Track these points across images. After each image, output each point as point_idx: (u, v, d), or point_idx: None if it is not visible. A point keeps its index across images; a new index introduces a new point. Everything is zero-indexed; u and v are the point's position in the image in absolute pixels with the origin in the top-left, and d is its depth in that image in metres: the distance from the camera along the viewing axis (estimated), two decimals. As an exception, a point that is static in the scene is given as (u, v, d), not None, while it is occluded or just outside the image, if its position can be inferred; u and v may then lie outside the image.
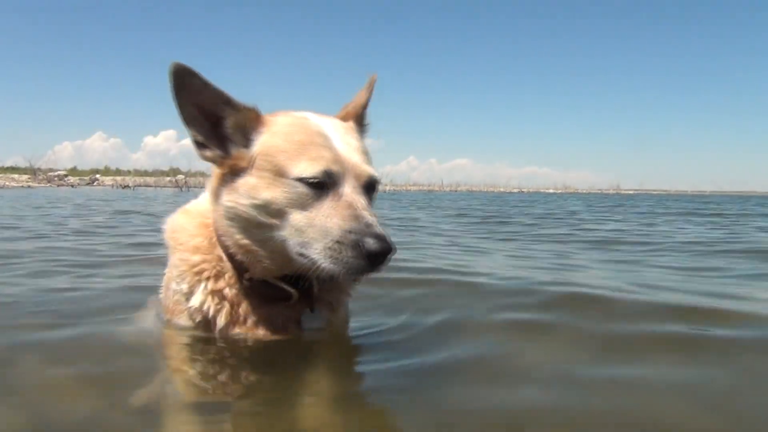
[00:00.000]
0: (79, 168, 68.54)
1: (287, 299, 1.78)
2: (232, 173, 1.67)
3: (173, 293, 1.88)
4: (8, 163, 58.42)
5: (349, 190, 1.61)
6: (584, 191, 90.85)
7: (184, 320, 1.86)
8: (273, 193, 1.59)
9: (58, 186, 38.25)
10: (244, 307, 1.78)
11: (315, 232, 1.56)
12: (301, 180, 1.58)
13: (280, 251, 1.64)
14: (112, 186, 42.30)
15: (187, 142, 1.73)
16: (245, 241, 1.68)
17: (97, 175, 55.10)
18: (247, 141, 1.67)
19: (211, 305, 1.76)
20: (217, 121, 1.68)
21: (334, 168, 1.60)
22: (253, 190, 1.62)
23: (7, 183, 35.99)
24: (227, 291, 1.76)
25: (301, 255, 1.58)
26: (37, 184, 38.41)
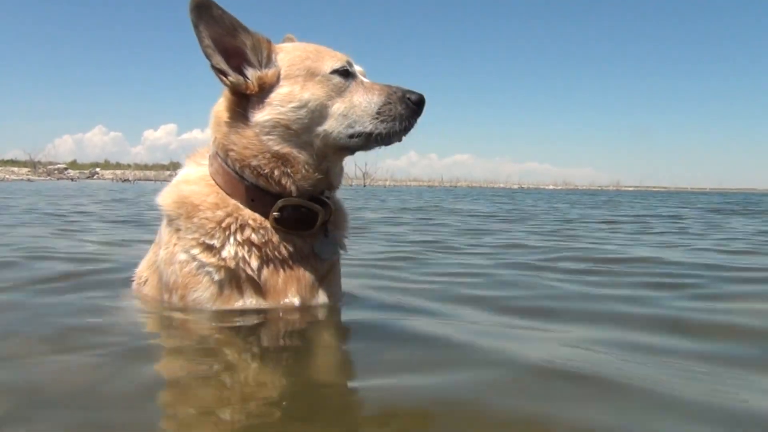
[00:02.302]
0: (79, 161, 68.43)
1: (311, 225, 1.93)
2: (260, 92, 1.86)
3: (182, 264, 1.90)
4: (8, 156, 58.30)
5: (360, 76, 1.95)
6: (584, 187, 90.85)
7: (201, 290, 1.89)
8: (310, 91, 1.85)
9: (58, 179, 38.22)
10: (274, 244, 1.89)
11: (360, 109, 1.86)
12: (334, 71, 1.87)
13: (320, 149, 1.88)
14: (112, 180, 42.27)
15: (187, 136, 1.75)
16: (286, 150, 1.86)
17: (97, 169, 55.05)
18: (265, 62, 1.87)
19: (243, 252, 1.87)
20: (228, 53, 1.85)
21: (350, 60, 1.95)
22: (289, 95, 1.85)
23: (6, 176, 35.96)
24: (254, 237, 1.88)
25: (352, 135, 1.87)
26: (37, 177, 38.37)
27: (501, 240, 5.47)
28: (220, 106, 1.95)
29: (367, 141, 1.88)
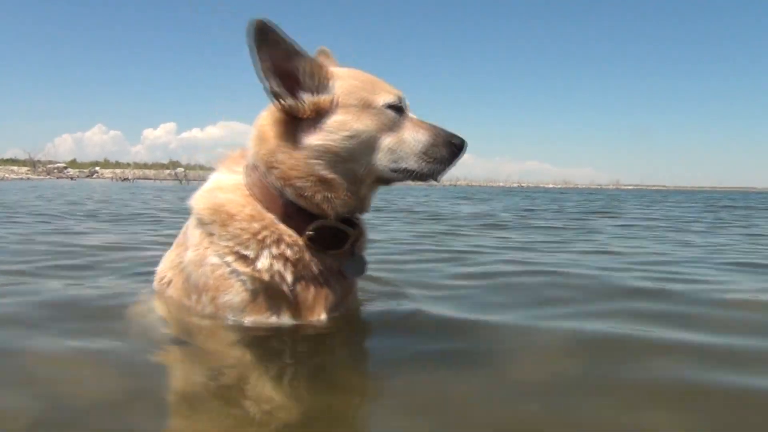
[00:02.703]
0: (79, 160, 68.34)
1: (341, 245, 1.99)
2: (317, 116, 1.87)
3: (214, 267, 1.92)
4: (8, 155, 58.22)
5: (410, 113, 1.99)
6: (584, 186, 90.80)
7: (233, 294, 1.91)
8: (363, 123, 1.88)
9: (57, 178, 38.16)
10: (305, 261, 1.93)
11: (407, 147, 1.92)
12: (389, 106, 1.91)
13: (362, 178, 1.93)
14: (112, 179, 42.20)
15: (186, 135, 1.75)
16: (331, 176, 1.89)
17: (97, 168, 54.94)
18: (320, 87, 1.88)
19: (279, 266, 1.89)
20: (281, 75, 1.85)
21: (403, 95, 1.99)
22: (343, 124, 1.87)
23: (6, 175, 35.90)
24: (288, 252, 1.91)
25: (396, 170, 1.93)
26: (36, 177, 38.31)
27: None
28: (265, 120, 1.96)
29: (408, 177, 1.95)
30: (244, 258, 1.89)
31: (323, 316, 1.97)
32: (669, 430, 1.36)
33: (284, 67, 1.84)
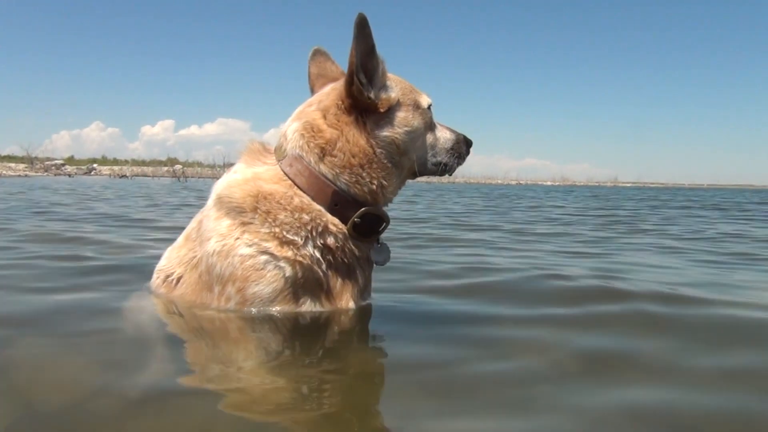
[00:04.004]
0: (77, 157, 67.97)
1: (376, 232, 2.10)
2: (384, 111, 2.03)
3: (244, 258, 1.91)
4: (5, 152, 57.92)
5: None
6: (582, 183, 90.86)
7: (263, 285, 1.92)
8: (417, 121, 2.10)
9: (55, 175, 38.07)
10: (344, 249, 2.01)
11: (440, 143, 2.20)
12: (429, 108, 2.17)
13: (408, 170, 2.14)
14: (110, 176, 42.09)
15: (184, 132, 1.76)
16: (389, 165, 2.06)
17: (95, 165, 54.71)
18: (385, 86, 2.05)
19: (318, 254, 1.97)
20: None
21: None
22: (405, 120, 2.07)
23: (4, 172, 35.78)
24: (330, 240, 1.99)
25: (435, 164, 2.20)
26: (34, 173, 38.18)
27: None
28: (316, 114, 2.03)
29: (441, 170, 2.20)
30: (289, 243, 1.92)
31: (351, 304, 2.03)
32: None
33: (365, 62, 1.96)
